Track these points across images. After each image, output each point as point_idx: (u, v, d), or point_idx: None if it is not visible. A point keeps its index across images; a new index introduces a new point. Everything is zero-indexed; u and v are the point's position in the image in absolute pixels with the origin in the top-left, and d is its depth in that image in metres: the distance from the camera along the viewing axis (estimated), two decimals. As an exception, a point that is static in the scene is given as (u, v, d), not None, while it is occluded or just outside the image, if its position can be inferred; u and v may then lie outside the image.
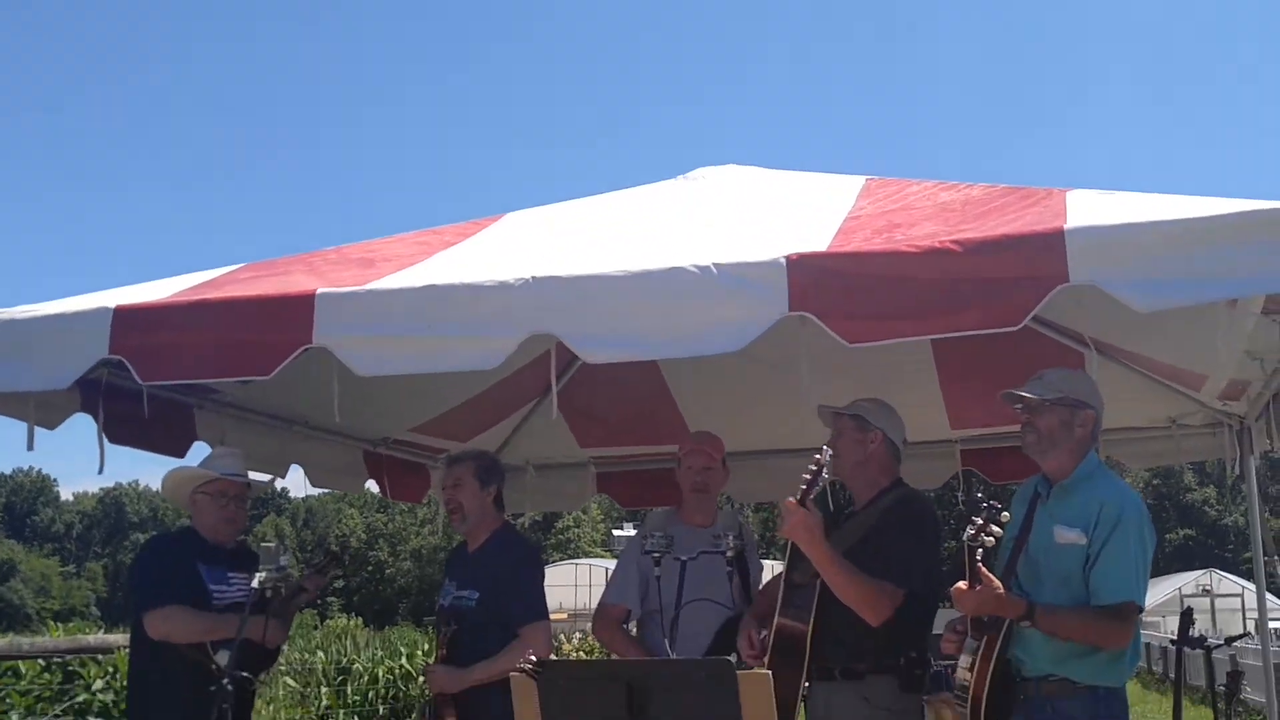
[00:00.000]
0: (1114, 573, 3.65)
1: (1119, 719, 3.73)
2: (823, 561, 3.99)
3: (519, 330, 3.78)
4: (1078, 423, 3.82)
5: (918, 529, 4.27)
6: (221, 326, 4.11)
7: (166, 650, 4.52)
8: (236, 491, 4.81)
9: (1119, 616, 3.64)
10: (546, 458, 8.23)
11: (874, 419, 4.37)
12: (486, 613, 4.64)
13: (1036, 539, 3.84)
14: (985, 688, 3.66)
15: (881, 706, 4.10)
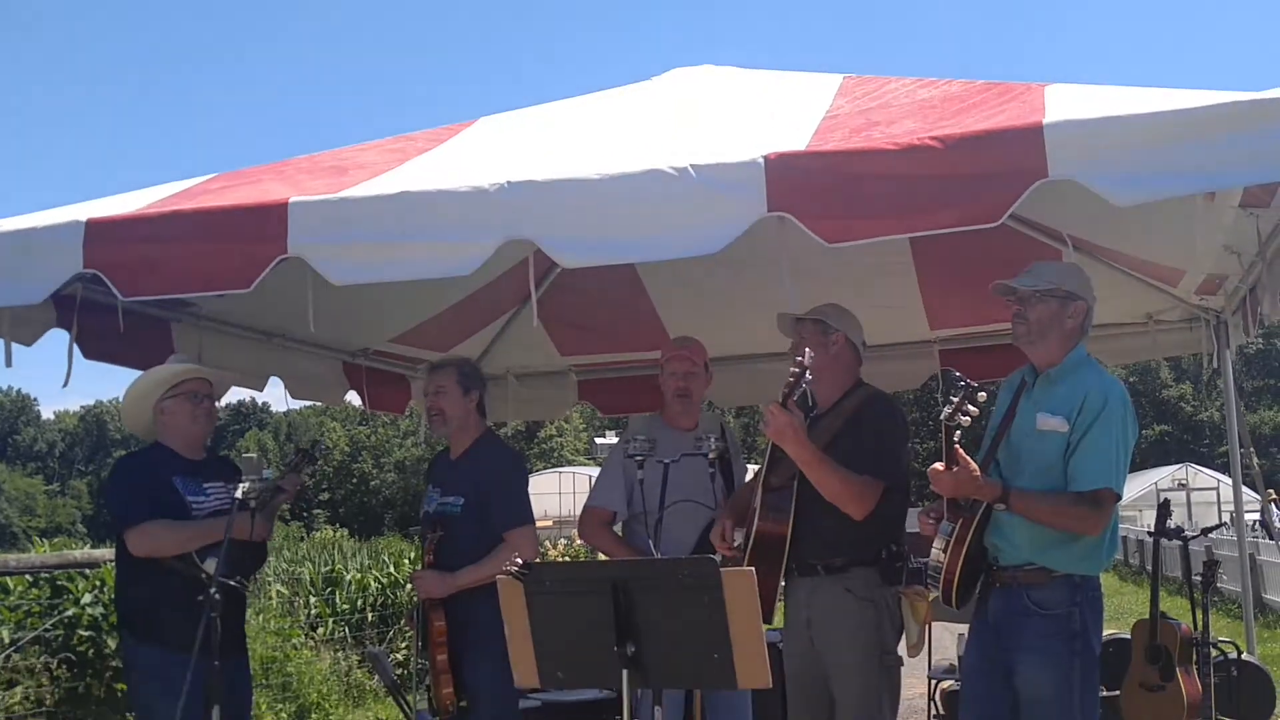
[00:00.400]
0: (1093, 460, 3.68)
1: (1096, 606, 3.79)
2: (809, 461, 4.03)
3: (495, 235, 3.74)
4: (1068, 314, 3.83)
5: (888, 425, 4.34)
6: (196, 238, 4.05)
7: (152, 564, 4.51)
8: (205, 390, 4.77)
9: (1095, 503, 3.68)
10: (527, 366, 8.24)
11: (834, 322, 4.40)
12: (472, 518, 4.68)
13: (1019, 426, 3.87)
14: (958, 569, 3.72)
15: (863, 597, 4.18)
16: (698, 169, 3.58)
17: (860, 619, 4.17)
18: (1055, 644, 3.71)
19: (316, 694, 9.73)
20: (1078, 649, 3.71)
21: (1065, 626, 3.70)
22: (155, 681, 4.41)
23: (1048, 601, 3.74)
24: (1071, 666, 3.70)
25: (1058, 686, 3.69)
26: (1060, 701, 3.68)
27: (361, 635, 11.15)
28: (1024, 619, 3.76)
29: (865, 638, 4.17)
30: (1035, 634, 3.74)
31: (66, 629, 7.24)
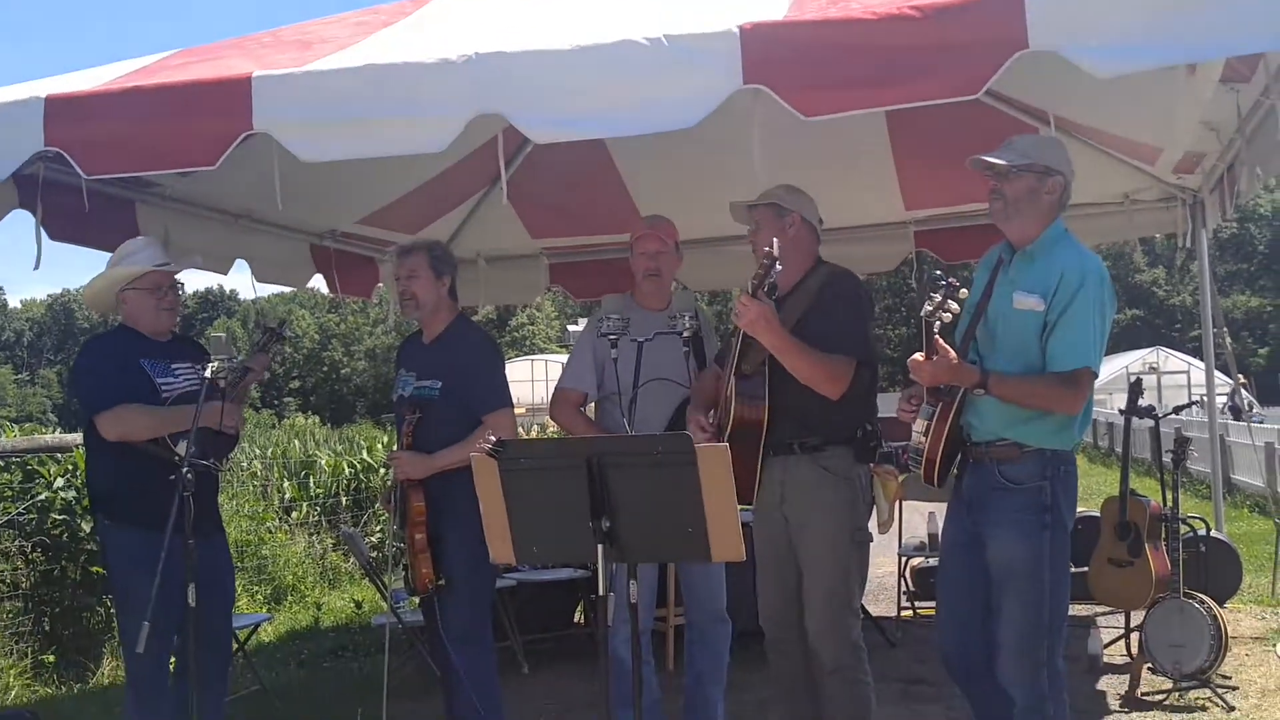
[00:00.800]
0: (1071, 340, 3.67)
1: (1069, 481, 3.82)
2: (782, 348, 4.03)
3: (464, 110, 3.65)
4: (1045, 189, 3.77)
5: (853, 302, 4.32)
6: (160, 115, 3.94)
7: (122, 448, 4.47)
8: (168, 281, 4.68)
9: (1073, 382, 3.68)
10: (498, 249, 8.18)
11: (788, 203, 4.34)
12: (450, 401, 4.66)
13: (995, 305, 3.85)
14: (940, 450, 3.75)
15: (839, 474, 4.21)
16: (671, 39, 3.49)
17: (835, 496, 4.20)
18: (1026, 517, 3.74)
19: (292, 576, 9.83)
20: (1048, 522, 3.74)
21: (1036, 500, 3.73)
22: (132, 562, 4.40)
23: (1019, 476, 3.76)
24: (1041, 539, 3.73)
25: (1028, 559, 3.73)
26: (1031, 574, 3.72)
27: (336, 519, 11.23)
28: (996, 493, 3.79)
29: (839, 514, 4.20)
30: (1006, 508, 3.77)
31: (40, 513, 7.23)
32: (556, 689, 6.41)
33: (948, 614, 4.08)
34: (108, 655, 7.16)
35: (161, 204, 5.74)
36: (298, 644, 7.94)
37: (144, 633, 3.85)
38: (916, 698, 5.95)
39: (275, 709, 6.02)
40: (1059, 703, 3.78)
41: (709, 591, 4.89)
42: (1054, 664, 3.77)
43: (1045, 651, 3.75)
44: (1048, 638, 3.75)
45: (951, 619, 4.04)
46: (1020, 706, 3.77)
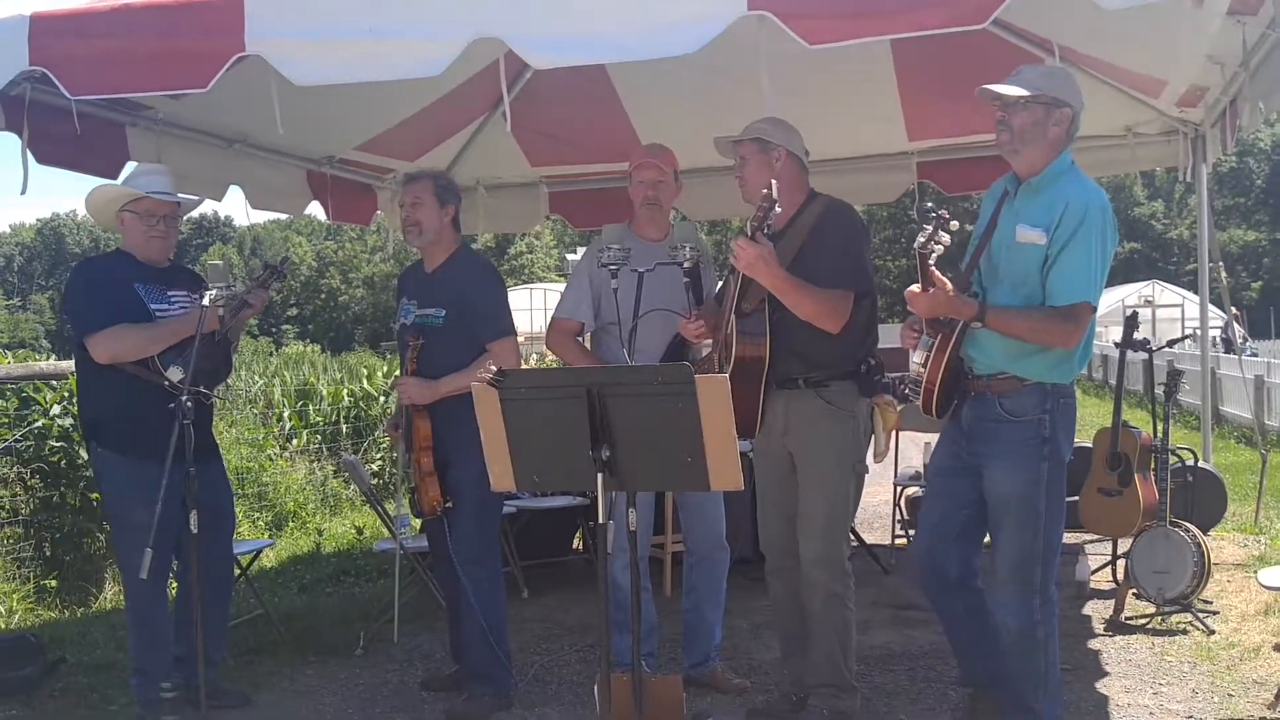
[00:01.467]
0: (1070, 274, 3.67)
1: (1067, 413, 3.84)
2: (781, 287, 4.04)
3: (463, 33, 3.60)
4: (1052, 121, 3.74)
5: (850, 233, 4.32)
6: (149, 34, 3.88)
7: (114, 373, 4.47)
8: (166, 211, 4.63)
9: (1072, 317, 3.68)
10: (497, 177, 8.12)
11: (774, 137, 4.30)
12: (454, 329, 4.68)
13: (999, 237, 3.84)
14: (939, 379, 3.77)
15: (843, 407, 4.25)
16: (676, -36, 3.43)
17: (838, 429, 4.24)
18: (1025, 449, 3.77)
19: (293, 503, 9.88)
20: (1046, 454, 3.77)
21: (1035, 432, 3.76)
22: (127, 490, 4.43)
23: (1018, 408, 3.78)
24: (1039, 470, 3.77)
25: (1025, 489, 3.77)
26: (1027, 503, 3.77)
27: (336, 447, 11.27)
28: (995, 425, 3.82)
29: (841, 447, 4.25)
30: (1006, 439, 3.80)
31: (37, 439, 7.24)
32: (555, 613, 6.48)
33: (924, 530, 4.17)
34: (109, 579, 7.22)
35: (154, 128, 5.67)
36: (299, 569, 8.00)
37: (146, 560, 3.89)
38: (907, 622, 6.02)
39: (278, 633, 6.09)
40: (1050, 627, 3.85)
41: (707, 520, 4.93)
42: (1047, 591, 3.84)
43: (1039, 578, 3.81)
44: (1041, 565, 3.81)
45: (927, 534, 4.12)
46: (1014, 631, 3.84)
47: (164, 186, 4.67)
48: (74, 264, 7.18)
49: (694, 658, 4.98)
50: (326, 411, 11.79)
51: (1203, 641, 5.47)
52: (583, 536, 7.73)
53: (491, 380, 3.26)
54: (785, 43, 3.46)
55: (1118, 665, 5.21)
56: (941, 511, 4.05)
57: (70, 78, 3.91)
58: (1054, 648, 3.89)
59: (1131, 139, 7.05)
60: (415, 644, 5.93)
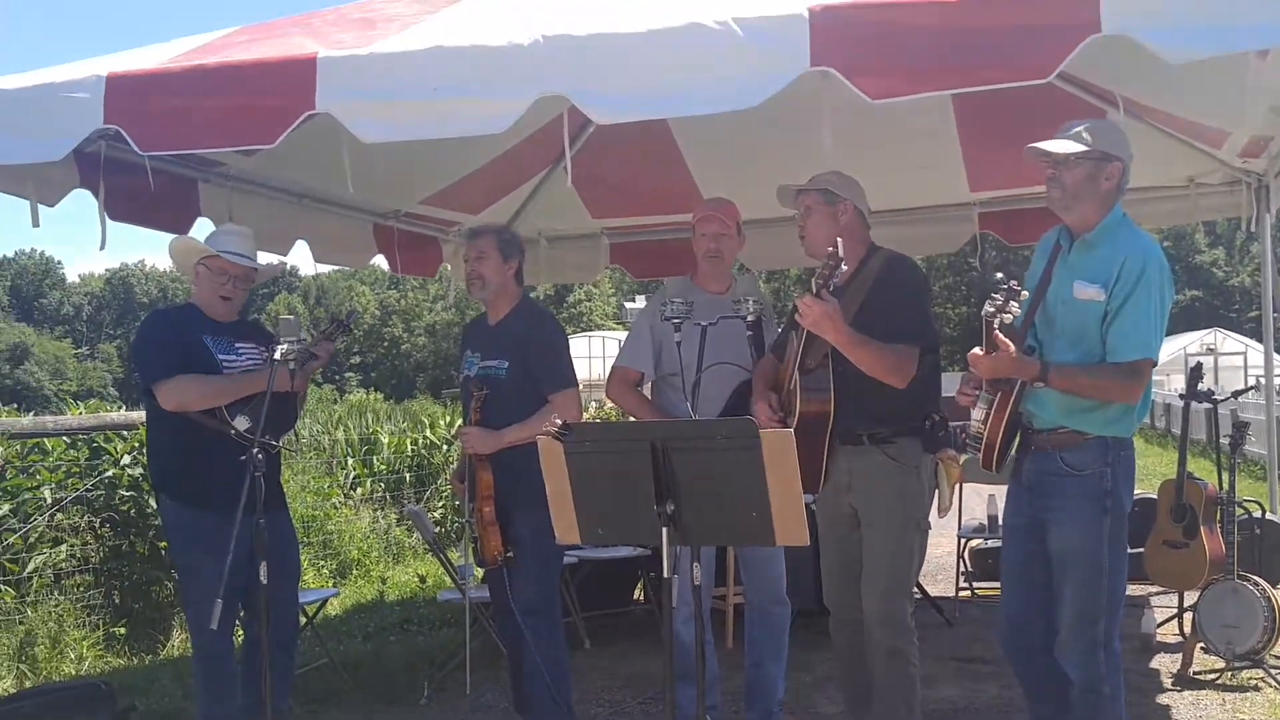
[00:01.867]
0: (1132, 330, 3.63)
1: (1128, 466, 3.80)
2: (848, 344, 4.02)
3: (529, 91, 3.67)
4: (1104, 175, 3.71)
5: (913, 287, 4.31)
6: (221, 93, 3.99)
7: (183, 424, 4.53)
8: (237, 272, 4.69)
9: (1133, 373, 3.65)
10: (558, 229, 8.20)
11: (840, 190, 4.30)
12: (516, 380, 4.72)
13: (1055, 292, 3.82)
14: (1000, 436, 3.73)
15: (907, 464, 4.21)
16: (740, 22, 3.49)
17: (903, 487, 4.20)
18: (1086, 503, 3.73)
19: (357, 551, 9.95)
20: (1108, 506, 3.73)
21: (1097, 486, 3.72)
22: (195, 541, 4.49)
23: (1080, 463, 3.75)
24: (1101, 524, 3.73)
25: (1088, 544, 3.72)
26: (1090, 558, 3.72)
27: (399, 495, 11.35)
28: (1056, 479, 3.78)
29: (905, 504, 4.21)
30: (1067, 494, 3.76)
31: (107, 489, 7.37)
32: (617, 664, 6.46)
33: (1008, 595, 4.09)
34: (177, 627, 7.30)
35: (225, 184, 5.80)
36: (364, 618, 8.05)
37: (216, 610, 3.93)
38: (972, 676, 5.94)
39: (343, 682, 6.12)
40: (1115, 683, 3.80)
41: (769, 574, 4.90)
42: (1111, 645, 3.79)
43: (1102, 633, 3.76)
44: (1105, 620, 3.76)
45: (1011, 600, 4.05)
46: (1078, 687, 3.78)
47: (241, 249, 4.74)
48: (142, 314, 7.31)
49: (756, 712, 4.93)
50: (390, 460, 11.89)
51: (1276, 699, 5.34)
52: (644, 587, 7.71)
53: (556, 434, 3.28)
54: (847, 95, 3.48)
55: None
56: (1019, 579, 3.99)
57: (143, 135, 4.02)
58: (1120, 703, 3.82)
59: (1194, 189, 6.99)
60: (479, 694, 5.94)
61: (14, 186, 4.69)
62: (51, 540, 7.20)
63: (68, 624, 6.77)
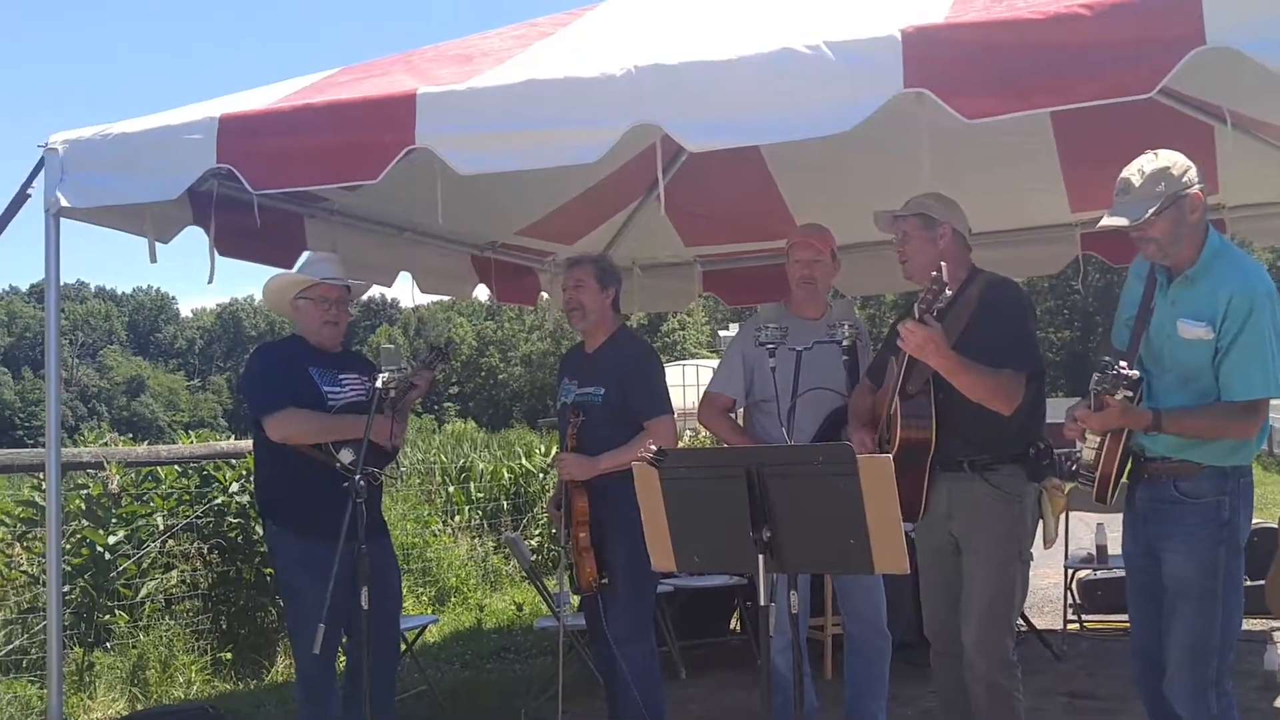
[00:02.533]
0: (1247, 368, 3.51)
1: (1246, 494, 3.67)
2: (953, 370, 3.93)
3: (621, 121, 3.70)
4: (1189, 211, 3.57)
5: (1017, 312, 4.21)
6: (327, 131, 4.12)
7: (290, 453, 4.64)
8: (336, 295, 4.82)
9: (1250, 411, 3.54)
10: (652, 258, 8.22)
11: (938, 214, 4.22)
12: (612, 407, 4.74)
13: (1159, 326, 3.70)
14: (1114, 468, 3.63)
15: (1010, 492, 4.11)
16: (832, 46, 3.48)
17: (1005, 515, 4.11)
18: (1202, 532, 3.61)
19: (456, 578, 10.05)
20: (1224, 537, 3.60)
21: (1214, 515, 3.60)
22: (300, 567, 4.58)
23: (1196, 491, 3.63)
24: (1217, 555, 3.60)
25: (1201, 574, 3.61)
26: (1205, 590, 3.60)
27: (496, 523, 11.44)
28: (1171, 507, 3.67)
29: (1007, 534, 4.11)
30: (1182, 522, 3.65)
31: (216, 516, 7.56)
32: (714, 695, 6.42)
33: (1136, 627, 3.97)
34: (281, 653, 7.44)
35: (329, 219, 5.94)
36: (461, 645, 8.11)
37: (319, 635, 3.99)
38: (1081, 711, 5.78)
39: (442, 709, 6.17)
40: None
41: (869, 604, 4.83)
42: (1223, 684, 3.65)
43: (1214, 670, 3.62)
44: (1218, 657, 3.62)
45: (1140, 633, 3.93)
46: None
47: (334, 272, 4.88)
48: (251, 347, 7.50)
49: (857, 745, 4.86)
50: (487, 488, 12.00)
51: None
52: (740, 617, 7.65)
53: (652, 460, 3.28)
54: (942, 117, 3.44)
55: (1313, 763, 4.90)
56: (1144, 611, 3.88)
57: (253, 174, 4.16)
58: None
59: (1309, 205, 6.76)
60: (575, 723, 5.94)
61: (132, 225, 4.88)
62: (163, 566, 7.42)
63: (177, 648, 6.94)
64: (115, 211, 4.71)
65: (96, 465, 7.35)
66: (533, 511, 11.68)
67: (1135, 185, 3.59)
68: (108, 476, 7.21)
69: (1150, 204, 3.53)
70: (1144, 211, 3.53)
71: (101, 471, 7.27)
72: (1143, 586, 3.86)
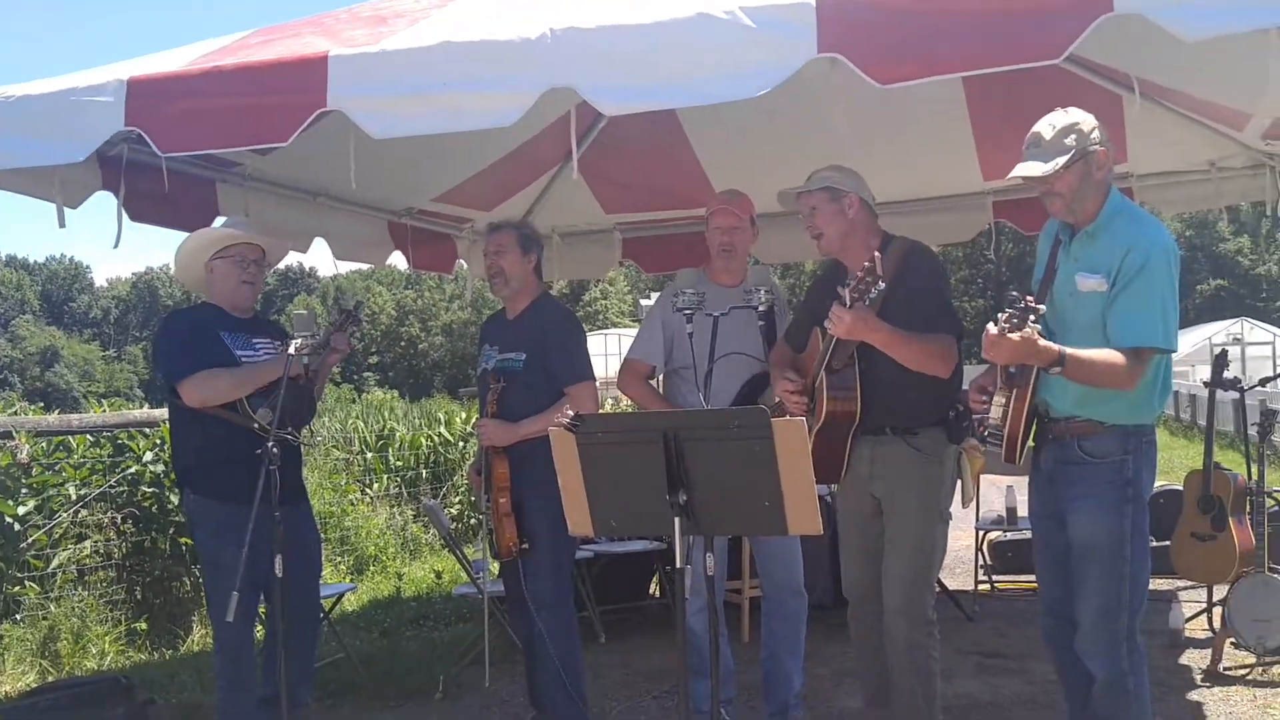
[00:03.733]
0: (1135, 314, 3.58)
1: (1149, 454, 3.76)
2: (892, 344, 4.00)
3: (537, 84, 3.67)
4: (1094, 167, 3.67)
5: (936, 275, 4.28)
6: (237, 93, 4.03)
7: (205, 419, 4.59)
8: (255, 255, 4.77)
9: (1135, 357, 3.59)
10: (572, 225, 8.21)
11: (843, 184, 4.27)
12: (533, 373, 4.74)
13: (1061, 285, 3.78)
14: (1020, 427, 3.69)
15: (931, 455, 4.20)
16: (747, 10, 3.47)
17: (926, 477, 4.19)
18: (1107, 492, 3.69)
19: (374, 547, 10.00)
20: (1129, 495, 3.69)
21: (1119, 474, 3.68)
22: (219, 534, 4.52)
23: (1099, 450, 3.71)
24: (1123, 514, 3.69)
25: (1110, 534, 3.69)
26: (1112, 549, 3.68)
27: (415, 491, 11.39)
28: (1076, 467, 3.75)
29: (929, 495, 4.20)
30: (1087, 482, 3.72)
31: (130, 486, 7.43)
32: (633, 659, 6.47)
33: (1046, 587, 4.06)
34: (197, 622, 7.36)
35: (242, 183, 5.83)
36: (380, 613, 8.08)
37: (233, 603, 3.95)
38: (992, 670, 5.91)
39: (359, 676, 6.15)
40: (1140, 677, 3.75)
41: (785, 565, 4.89)
42: (1134, 639, 3.74)
43: (1125, 626, 3.72)
44: (1128, 613, 3.72)
45: (1049, 592, 4.02)
46: (1101, 680, 3.74)
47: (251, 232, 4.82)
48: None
49: (773, 706, 4.92)
50: (406, 456, 11.94)
51: (1308, 693, 5.28)
52: (660, 581, 7.71)
53: (569, 425, 3.29)
54: (857, 84, 3.47)
55: (1217, 718, 5.07)
56: (1052, 570, 3.96)
57: (161, 137, 4.07)
58: (1146, 698, 3.77)
59: (1215, 173, 6.92)
60: (495, 688, 5.95)
61: (40, 189, 4.76)
62: (75, 536, 7.27)
63: (90, 619, 6.83)
64: (22, 175, 4.59)
65: (5, 435, 7.17)
66: (452, 480, 11.65)
67: (1046, 139, 3.69)
68: (16, 446, 7.04)
69: (1060, 155, 3.63)
70: (1053, 164, 3.63)
71: (10, 441, 7.10)
72: (1049, 547, 3.94)
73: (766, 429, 3.09)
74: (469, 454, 11.66)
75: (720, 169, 6.86)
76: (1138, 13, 3.22)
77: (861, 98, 3.69)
